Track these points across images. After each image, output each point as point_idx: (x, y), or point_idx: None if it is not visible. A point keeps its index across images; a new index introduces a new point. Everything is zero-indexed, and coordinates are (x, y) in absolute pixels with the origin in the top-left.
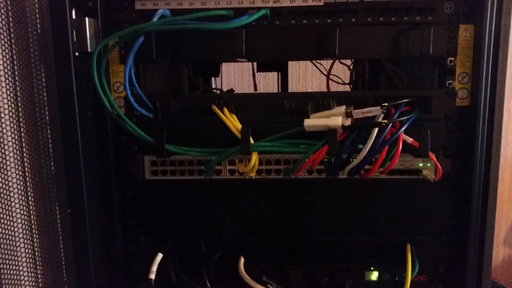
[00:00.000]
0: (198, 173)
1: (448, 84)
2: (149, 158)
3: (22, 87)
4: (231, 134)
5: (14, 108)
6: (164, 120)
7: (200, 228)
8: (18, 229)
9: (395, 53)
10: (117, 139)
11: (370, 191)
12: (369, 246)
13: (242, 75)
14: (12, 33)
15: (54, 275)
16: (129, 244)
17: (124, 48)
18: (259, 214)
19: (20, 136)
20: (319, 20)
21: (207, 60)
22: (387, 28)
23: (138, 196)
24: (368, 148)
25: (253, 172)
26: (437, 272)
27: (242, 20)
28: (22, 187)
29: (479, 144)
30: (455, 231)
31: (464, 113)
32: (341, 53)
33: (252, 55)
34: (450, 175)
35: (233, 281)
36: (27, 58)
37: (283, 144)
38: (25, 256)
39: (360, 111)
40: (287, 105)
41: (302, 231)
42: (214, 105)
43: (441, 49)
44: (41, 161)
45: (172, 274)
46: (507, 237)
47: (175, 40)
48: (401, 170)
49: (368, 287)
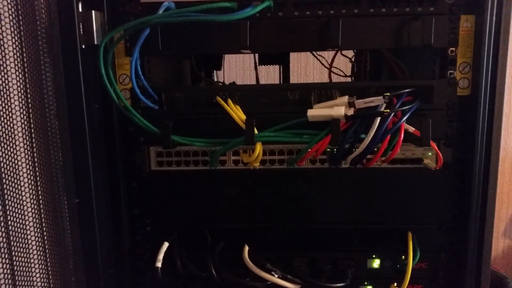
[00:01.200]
0: (203, 163)
1: (449, 74)
2: (155, 149)
3: (31, 79)
4: (235, 125)
5: (24, 100)
6: (169, 111)
7: (205, 217)
8: (28, 218)
9: (397, 44)
10: (123, 131)
11: (372, 180)
12: (371, 234)
13: (244, 69)
14: (21, 26)
15: (62, 264)
16: (136, 233)
17: (129, 41)
18: (263, 204)
19: (30, 127)
20: (322, 11)
21: (211, 52)
22: (389, 18)
23: (144, 187)
24: (371, 138)
25: (257, 162)
26: (438, 260)
27: (246, 12)
28: (32, 177)
29: (479, 133)
30: (455, 219)
31: (465, 103)
32: (344, 43)
33: (256, 47)
34: (451, 164)
35: (238, 269)
36: (35, 51)
37: (287, 134)
38: (35, 245)
39: (362, 101)
40: (291, 96)
41: (305, 220)
42: (218, 96)
43: (443, 40)
44: (49, 152)
45: (178, 263)
46: (507, 229)
47: (180, 32)
48: (402, 159)
49: (370, 275)
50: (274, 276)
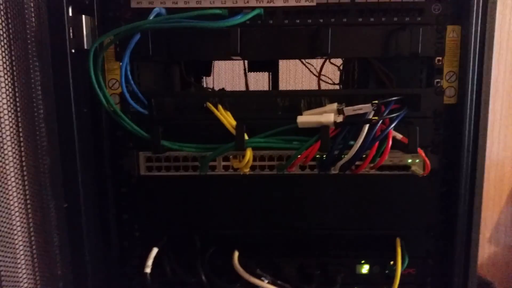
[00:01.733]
0: (192, 169)
1: (436, 82)
2: (144, 154)
3: (20, 82)
4: (225, 130)
5: (13, 103)
6: (159, 116)
7: (194, 223)
8: (16, 222)
9: (385, 52)
10: (112, 135)
11: (361, 187)
12: (360, 240)
13: (233, 75)
14: (10, 29)
15: (50, 270)
16: (124, 239)
17: (119, 46)
18: (253, 209)
19: (18, 131)
20: (311, 20)
21: (202, 58)
22: (377, 28)
23: (133, 192)
24: (359, 144)
25: (247, 168)
26: (426, 265)
27: (237, 19)
28: (20, 181)
29: (466, 140)
30: (443, 225)
31: (451, 111)
32: (333, 51)
33: (247, 54)
34: (438, 171)
35: (228, 274)
36: (24, 54)
37: (277, 140)
38: (23, 250)
39: (351, 108)
40: (280, 103)
41: (294, 226)
42: (208, 102)
43: (429, 49)
44: (37, 156)
45: (167, 269)
46: (492, 236)
47: (171, 38)
48: (390, 166)
49: (359, 280)
50: (264, 282)
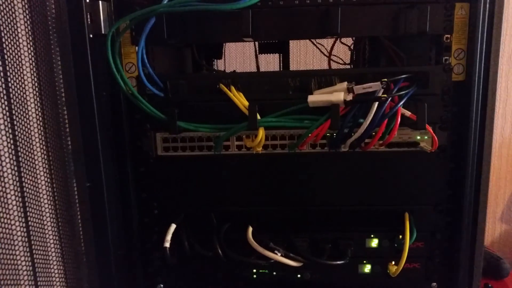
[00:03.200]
0: (207, 148)
1: (444, 60)
2: (161, 135)
3: (43, 68)
4: (238, 111)
5: (37, 89)
6: (174, 98)
7: (210, 200)
8: (44, 201)
9: (394, 31)
10: (130, 118)
11: (370, 163)
12: (369, 215)
13: (244, 57)
14: (33, 17)
15: (74, 245)
16: (144, 216)
17: (135, 30)
18: (266, 187)
19: (43, 115)
20: (321, 0)
21: (215, 41)
22: (386, 7)
23: (151, 171)
24: (369, 122)
25: (260, 147)
26: (434, 239)
27: (248, 1)
28: (46, 163)
29: (473, 117)
30: (451, 200)
31: (459, 88)
32: (343, 31)
33: (258, 35)
34: (446, 147)
35: (243, 248)
36: (46, 41)
37: (288, 119)
38: (50, 228)
39: (361, 87)
40: (291, 83)
41: (306, 202)
42: (221, 84)
43: (438, 27)
44: (61, 139)
45: (185, 243)
46: (504, 214)
47: (184, 21)
48: (399, 143)
49: (369, 254)
50: (277, 255)
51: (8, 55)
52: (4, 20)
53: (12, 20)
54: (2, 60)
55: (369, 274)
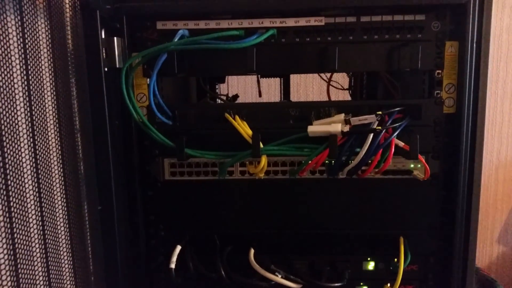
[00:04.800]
0: (212, 174)
1: (436, 93)
2: (169, 161)
3: (62, 99)
4: (242, 139)
5: (57, 116)
6: (182, 127)
7: (214, 223)
8: (59, 222)
9: (388, 67)
10: (140, 144)
11: (366, 190)
12: (366, 239)
13: (245, 81)
14: (54, 52)
15: (84, 264)
16: (151, 238)
17: (147, 63)
18: (267, 211)
19: (61, 142)
20: (320, 38)
21: (221, 74)
22: (381, 44)
23: (159, 195)
24: (365, 151)
25: (262, 173)
26: (428, 262)
27: (253, 40)
28: (62, 186)
29: (464, 147)
30: (443, 225)
31: (450, 120)
32: (340, 67)
33: (262, 70)
34: (438, 175)
35: (245, 270)
36: (65, 73)
37: (289, 147)
38: (65, 248)
39: (357, 119)
40: (292, 113)
41: (305, 226)
42: (227, 113)
43: (429, 63)
44: (76, 163)
45: (190, 264)
46: (501, 236)
47: (193, 56)
48: (394, 171)
49: (365, 276)
50: (278, 277)
51: (32, 85)
52: (31, 54)
53: (37, 54)
54: (27, 90)
55: None
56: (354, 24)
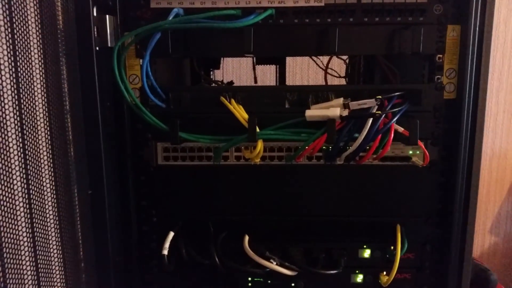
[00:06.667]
0: (206, 159)
1: (436, 79)
2: (162, 145)
3: (51, 79)
4: (238, 123)
5: (45, 98)
6: (176, 110)
7: (208, 209)
8: (48, 207)
9: (389, 50)
10: (132, 128)
11: (364, 176)
12: (362, 226)
13: (241, 68)
14: (44, 28)
15: (74, 250)
16: (143, 224)
17: (140, 44)
18: (263, 197)
19: (50, 124)
20: (320, 20)
21: (217, 55)
22: (382, 27)
23: (151, 180)
24: (363, 137)
25: (258, 158)
26: (424, 250)
27: (250, 19)
28: (51, 170)
29: (464, 133)
30: (441, 213)
31: (450, 106)
32: (340, 49)
33: (259, 51)
34: (437, 162)
35: (239, 257)
36: (55, 52)
37: (286, 132)
38: (54, 233)
39: (356, 103)
40: (290, 97)
41: (302, 212)
42: (222, 96)
43: (431, 47)
44: (66, 147)
45: (183, 251)
46: (493, 226)
47: (188, 36)
48: (392, 157)
49: (361, 263)
50: (273, 264)
51: (20, 64)
52: (18, 29)
53: (26, 32)
54: (15, 68)
55: (361, 284)
56: (355, 5)
